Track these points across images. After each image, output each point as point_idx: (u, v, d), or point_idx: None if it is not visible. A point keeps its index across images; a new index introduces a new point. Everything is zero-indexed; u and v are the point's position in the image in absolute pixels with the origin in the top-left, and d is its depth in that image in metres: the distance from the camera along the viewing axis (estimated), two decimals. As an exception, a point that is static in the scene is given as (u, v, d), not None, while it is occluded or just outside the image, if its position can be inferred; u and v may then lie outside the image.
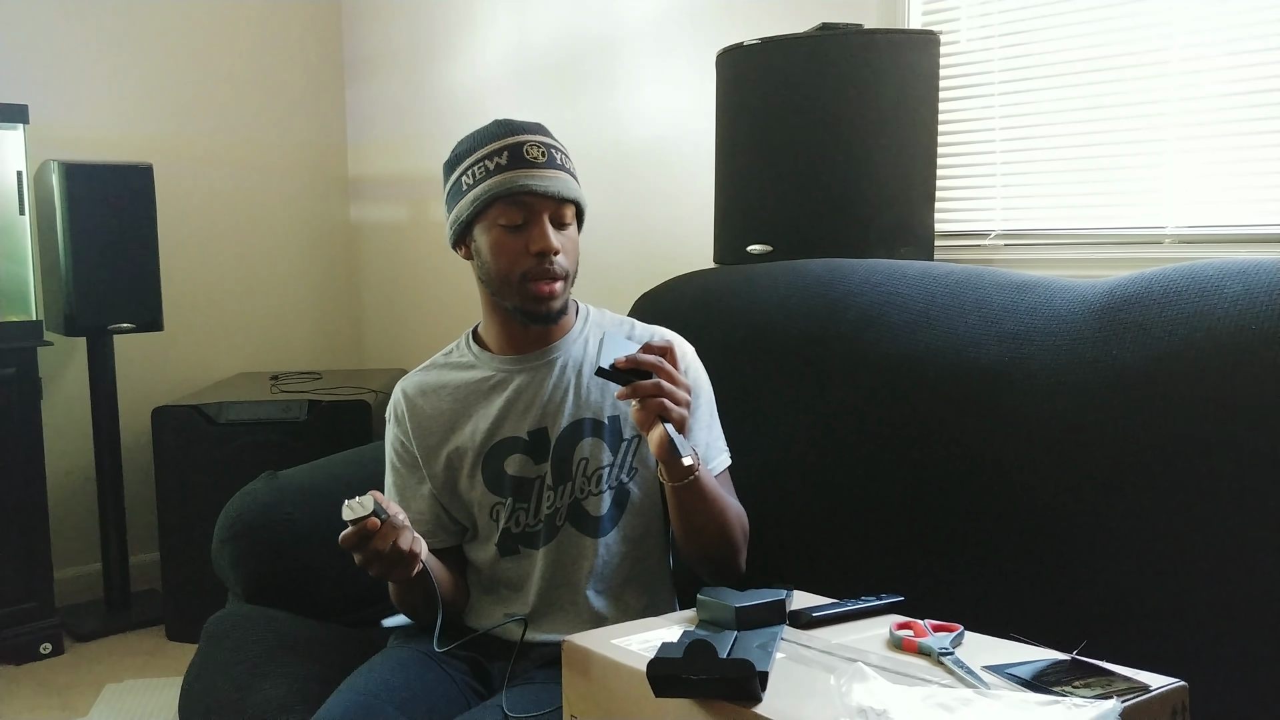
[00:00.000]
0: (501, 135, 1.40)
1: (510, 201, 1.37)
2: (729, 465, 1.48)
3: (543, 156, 1.39)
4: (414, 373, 1.53)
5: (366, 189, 3.72)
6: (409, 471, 1.49)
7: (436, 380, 1.50)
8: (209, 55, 3.41)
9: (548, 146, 1.41)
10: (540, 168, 1.38)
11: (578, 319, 1.51)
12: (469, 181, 1.41)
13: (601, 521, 1.43)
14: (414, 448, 1.47)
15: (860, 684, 0.82)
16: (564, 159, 1.43)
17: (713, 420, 1.49)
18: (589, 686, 0.99)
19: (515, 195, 1.37)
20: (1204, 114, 1.79)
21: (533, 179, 1.37)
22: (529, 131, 1.41)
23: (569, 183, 1.41)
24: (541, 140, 1.41)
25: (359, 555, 1.24)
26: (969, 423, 1.37)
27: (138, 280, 2.85)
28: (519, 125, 1.42)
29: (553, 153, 1.41)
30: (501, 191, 1.37)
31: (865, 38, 1.85)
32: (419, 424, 1.47)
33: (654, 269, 2.14)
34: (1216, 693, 1.04)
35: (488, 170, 1.39)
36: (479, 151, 1.41)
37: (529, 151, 1.38)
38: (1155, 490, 1.20)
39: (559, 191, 1.38)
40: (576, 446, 1.43)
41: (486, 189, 1.38)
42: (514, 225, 1.38)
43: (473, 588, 1.50)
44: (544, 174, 1.38)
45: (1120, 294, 1.31)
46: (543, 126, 1.45)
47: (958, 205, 2.12)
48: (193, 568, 2.75)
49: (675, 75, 2.63)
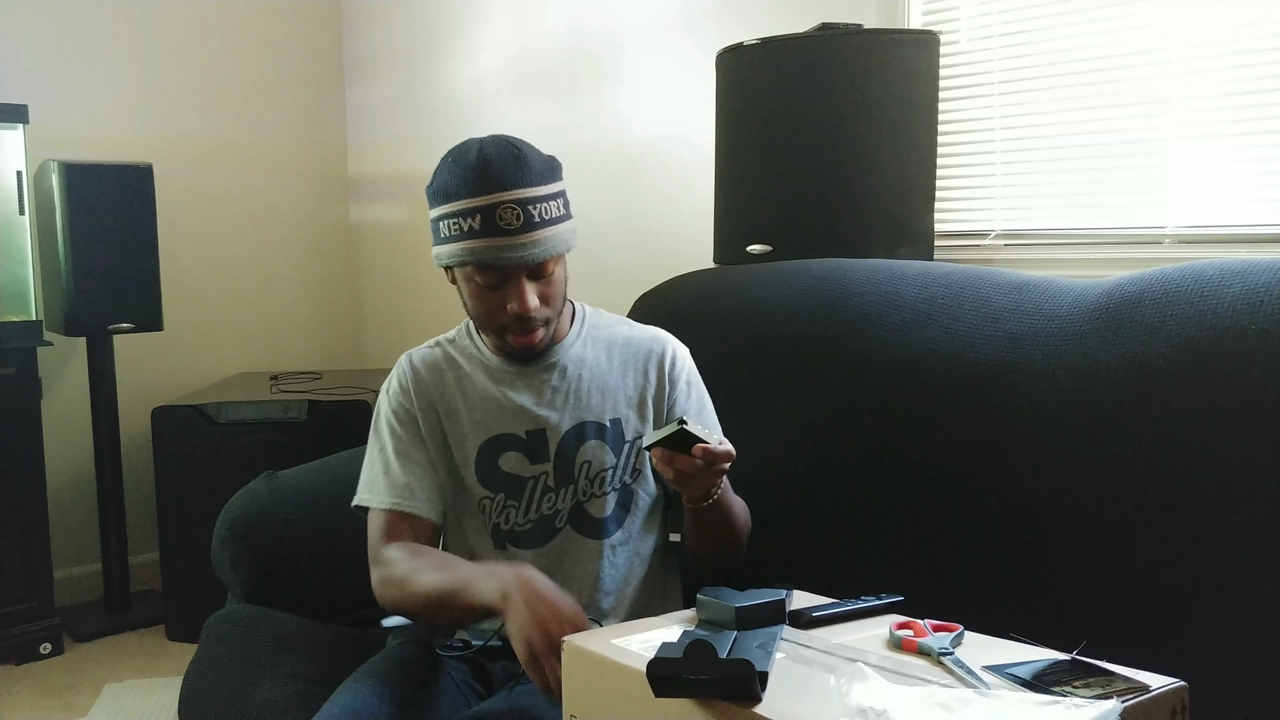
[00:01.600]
0: (477, 191, 1.33)
1: (483, 268, 1.35)
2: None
3: (518, 220, 1.32)
4: (420, 348, 1.52)
5: (366, 189, 3.72)
6: (411, 437, 1.45)
7: (444, 360, 1.49)
8: (209, 55, 3.41)
9: (524, 205, 1.33)
10: (514, 234, 1.32)
11: (574, 321, 1.51)
12: (445, 233, 1.37)
13: (605, 523, 1.43)
14: (417, 414, 1.46)
15: (860, 684, 0.82)
16: (544, 208, 1.35)
17: (712, 421, 1.50)
18: (589, 686, 0.99)
19: (488, 265, 1.34)
20: (1204, 114, 1.79)
21: (506, 250, 1.32)
22: (506, 186, 1.32)
23: (547, 242, 1.34)
24: (518, 199, 1.32)
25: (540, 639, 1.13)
26: (969, 422, 1.37)
27: (137, 280, 2.85)
28: (497, 175, 1.33)
29: (529, 210, 1.33)
30: (473, 260, 1.34)
31: (865, 38, 1.85)
32: (424, 395, 1.46)
33: (654, 269, 2.14)
34: (1216, 693, 1.04)
35: (460, 231, 1.34)
36: (454, 203, 1.35)
37: (502, 217, 1.32)
38: (1155, 490, 1.20)
39: (534, 258, 1.33)
40: (580, 449, 1.43)
41: (460, 251, 1.35)
42: (490, 285, 1.36)
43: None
44: (518, 241, 1.32)
45: (1120, 294, 1.31)
46: (524, 165, 1.35)
47: (958, 205, 2.12)
48: (193, 568, 2.75)
49: (675, 75, 2.63)
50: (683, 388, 1.49)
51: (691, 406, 1.49)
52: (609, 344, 1.50)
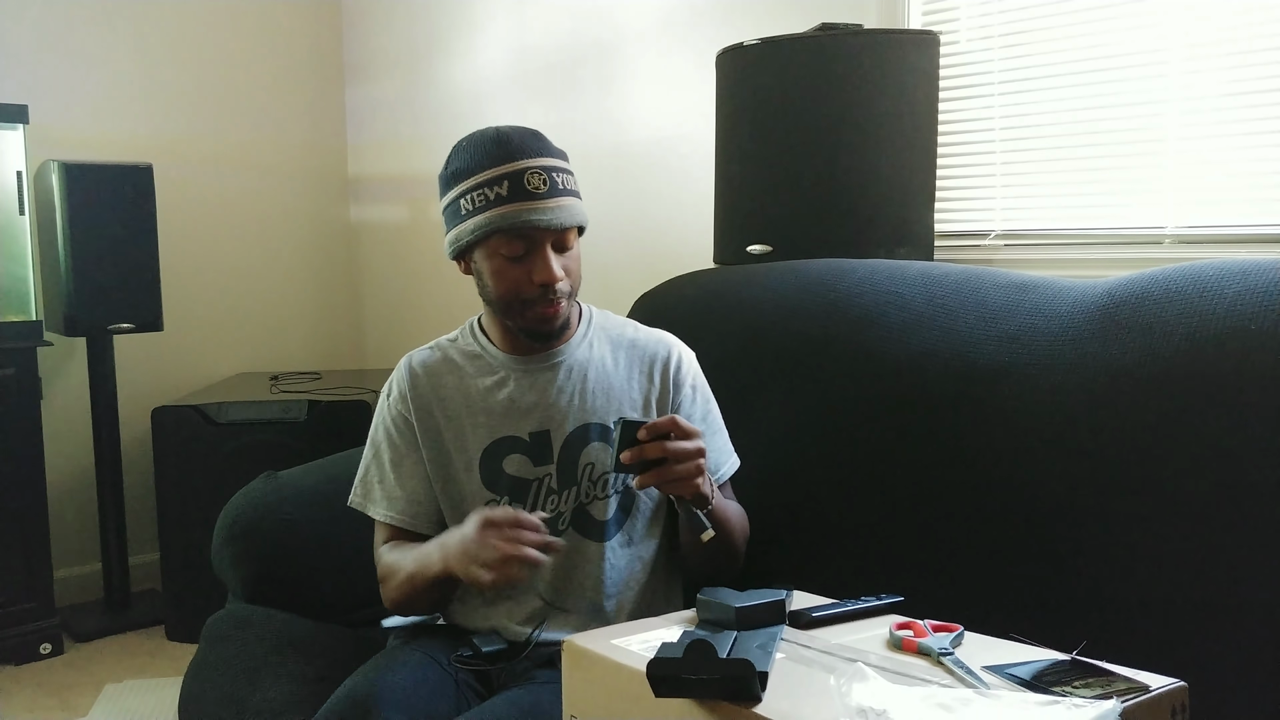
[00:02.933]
0: (502, 160, 1.35)
1: (512, 234, 1.35)
2: (737, 467, 1.50)
3: (544, 185, 1.34)
4: (420, 350, 1.52)
5: (366, 189, 3.72)
6: (407, 447, 1.46)
7: (444, 363, 1.49)
8: (209, 55, 3.41)
9: (549, 171, 1.36)
10: (542, 198, 1.34)
11: (580, 322, 1.51)
12: (468, 207, 1.37)
13: (607, 525, 1.43)
14: (414, 422, 1.46)
15: (860, 684, 0.82)
16: (565, 179, 1.38)
17: (720, 423, 1.50)
18: (589, 686, 0.99)
19: (518, 229, 1.34)
20: (1204, 114, 1.79)
21: (535, 212, 1.34)
22: (529, 154, 1.36)
23: (572, 209, 1.37)
24: (542, 165, 1.36)
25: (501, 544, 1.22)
26: (969, 423, 1.37)
27: (137, 280, 2.85)
28: (519, 146, 1.36)
29: (554, 177, 1.36)
30: (504, 225, 1.34)
31: (865, 38, 1.85)
32: (422, 402, 1.46)
33: (654, 269, 2.14)
34: (1216, 693, 1.04)
35: (488, 200, 1.35)
36: (478, 175, 1.36)
37: (530, 180, 1.34)
38: (1155, 490, 1.20)
39: (562, 222, 1.35)
40: (583, 451, 1.43)
41: (488, 220, 1.35)
42: (516, 256, 1.36)
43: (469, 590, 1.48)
44: (546, 205, 1.34)
45: (1120, 294, 1.31)
46: (542, 140, 1.40)
47: (957, 205, 2.12)
48: (193, 568, 2.75)
49: (675, 75, 2.63)
50: (687, 392, 1.49)
51: (696, 411, 1.48)
52: (615, 346, 1.50)
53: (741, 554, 1.44)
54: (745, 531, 1.45)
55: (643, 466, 1.23)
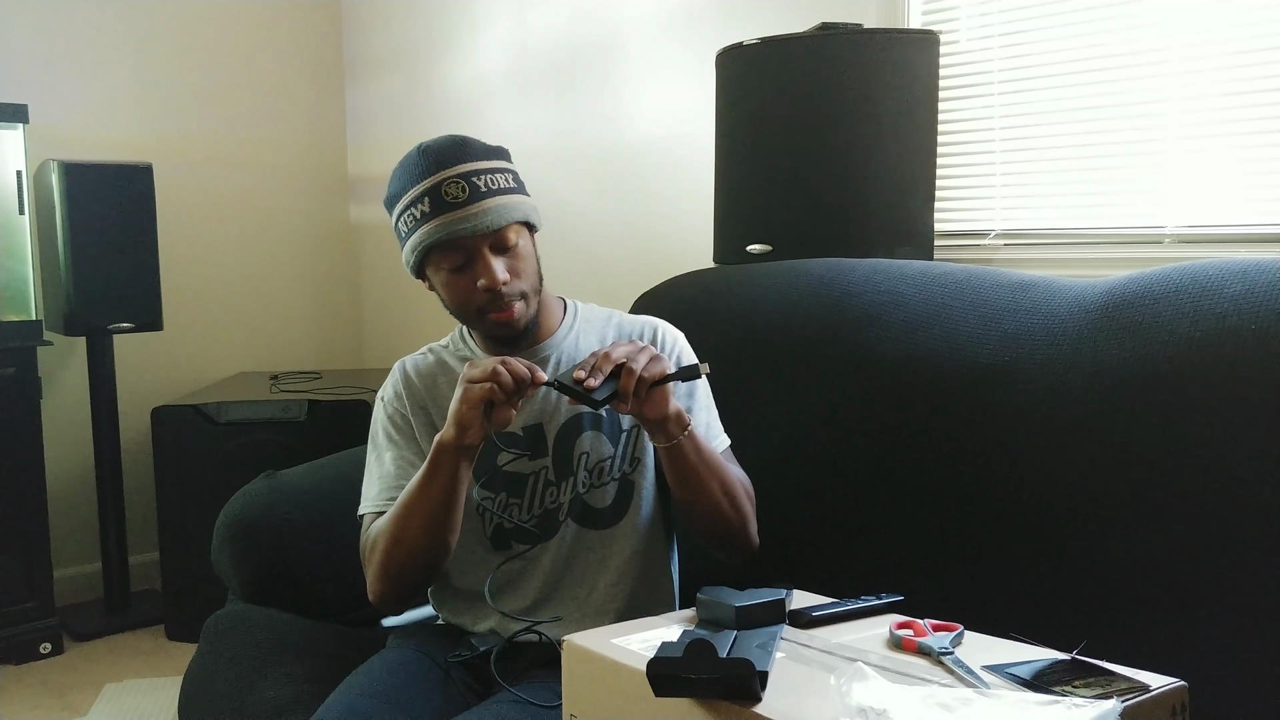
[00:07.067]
0: (420, 176, 1.35)
1: (445, 247, 1.36)
2: (729, 445, 1.49)
3: (463, 192, 1.34)
4: (414, 355, 1.53)
5: (366, 189, 3.72)
6: (407, 443, 1.46)
7: (436, 366, 1.49)
8: (209, 55, 3.41)
9: (467, 177, 1.34)
10: (462, 206, 1.33)
11: (565, 315, 1.51)
12: (404, 229, 1.40)
13: (606, 514, 1.43)
14: (411, 419, 1.46)
15: (860, 684, 0.82)
16: (491, 179, 1.36)
17: (710, 403, 1.49)
18: (589, 686, 0.99)
19: (447, 242, 1.35)
20: (1204, 114, 1.79)
21: (457, 222, 1.33)
22: (446, 165, 1.35)
23: (500, 209, 1.35)
24: (459, 173, 1.34)
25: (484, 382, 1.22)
26: (968, 422, 1.37)
27: (137, 280, 2.85)
28: (435, 160, 1.35)
29: (474, 181, 1.34)
30: (432, 241, 1.35)
31: (865, 38, 1.85)
32: (417, 402, 1.47)
33: (654, 269, 2.14)
34: (1216, 693, 1.04)
35: (415, 219, 1.37)
36: (406, 196, 1.37)
37: (448, 191, 1.34)
38: (1155, 489, 1.20)
39: (489, 225, 1.34)
40: (577, 441, 1.43)
41: (420, 240, 1.37)
42: (457, 267, 1.37)
43: (467, 592, 1.48)
44: (468, 212, 1.33)
45: (1120, 294, 1.31)
46: (464, 146, 1.38)
47: (957, 205, 2.12)
48: (193, 568, 2.75)
49: (675, 75, 2.63)
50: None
51: (682, 388, 1.47)
52: (601, 334, 1.51)
53: (750, 523, 1.41)
54: (750, 494, 1.43)
55: (609, 398, 1.22)
